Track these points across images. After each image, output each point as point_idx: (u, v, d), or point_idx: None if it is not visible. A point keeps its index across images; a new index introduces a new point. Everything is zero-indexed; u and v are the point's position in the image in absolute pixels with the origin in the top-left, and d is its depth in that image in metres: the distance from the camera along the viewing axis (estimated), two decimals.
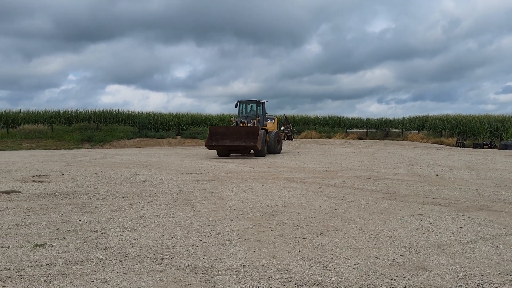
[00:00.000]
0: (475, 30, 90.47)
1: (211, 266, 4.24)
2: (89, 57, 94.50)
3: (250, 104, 22.74)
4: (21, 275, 3.96)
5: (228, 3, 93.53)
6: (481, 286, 3.75)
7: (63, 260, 4.38)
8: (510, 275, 3.98)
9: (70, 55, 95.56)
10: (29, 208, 7.11)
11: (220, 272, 4.06)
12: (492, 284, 3.79)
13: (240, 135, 19.48)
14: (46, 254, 4.59)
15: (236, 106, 22.78)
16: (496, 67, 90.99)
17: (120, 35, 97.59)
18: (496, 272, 4.08)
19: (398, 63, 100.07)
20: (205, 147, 20.67)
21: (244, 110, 22.72)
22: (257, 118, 21.27)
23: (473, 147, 30.15)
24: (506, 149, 27.01)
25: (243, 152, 20.83)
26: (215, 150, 20.67)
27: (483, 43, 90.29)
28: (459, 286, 3.75)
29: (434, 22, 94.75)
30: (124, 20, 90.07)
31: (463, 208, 7.23)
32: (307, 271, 4.11)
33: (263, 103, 22.47)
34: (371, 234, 5.48)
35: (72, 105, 72.32)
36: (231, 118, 21.65)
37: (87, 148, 30.13)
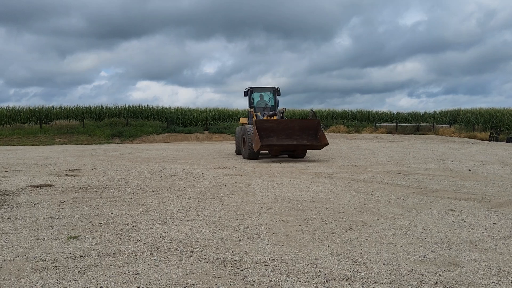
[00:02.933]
0: (511, 22, 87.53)
1: (240, 259, 4.27)
2: (121, 54, 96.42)
3: (267, 93, 18.68)
4: (56, 266, 4.09)
5: None
6: None
7: (96, 252, 4.50)
8: None
9: (103, 52, 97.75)
10: (62, 201, 7.31)
11: (249, 266, 4.09)
12: None
13: (293, 131, 15.13)
14: (79, 246, 4.72)
15: (245, 95, 18.42)
16: None
17: (151, 32, 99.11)
18: None
19: (430, 56, 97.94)
20: (254, 149, 14.79)
21: (257, 99, 18.70)
22: (283, 108, 16.58)
23: (507, 142, 29.27)
24: None
25: (296, 154, 16.17)
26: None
27: None
28: (492, 282, 3.66)
29: (468, 14, 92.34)
30: (156, 17, 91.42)
31: (496, 204, 7.04)
32: (336, 266, 4.09)
33: (279, 90, 18.41)
34: (401, 230, 5.40)
35: (103, 101, 74.09)
36: (250, 110, 17.58)
37: (117, 143, 30.73)
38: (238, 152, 18.18)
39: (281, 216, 6.18)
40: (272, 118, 16.32)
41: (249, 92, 18.30)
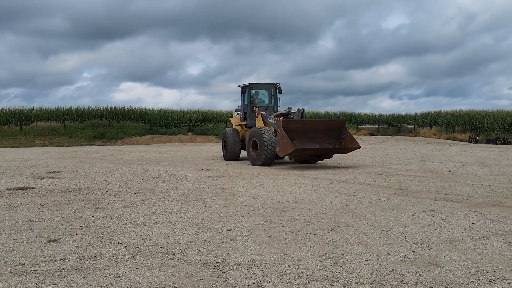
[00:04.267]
0: (491, 25, 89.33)
1: (223, 261, 4.26)
2: (104, 55, 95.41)
3: (265, 90, 16.65)
4: (35, 270, 4.02)
5: (243, 0, 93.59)
6: (493, 282, 3.72)
7: (76, 256, 4.44)
8: None
9: (86, 53, 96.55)
10: (42, 204, 7.20)
11: (231, 268, 4.08)
12: (505, 280, 3.75)
13: (316, 133, 13.50)
14: (59, 250, 4.65)
15: (244, 92, 16.36)
16: (511, 62, 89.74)
17: (135, 33, 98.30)
18: (509, 268, 4.04)
19: (412, 59, 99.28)
20: (280, 154, 12.90)
21: (255, 97, 16.41)
22: (302, 108, 14.86)
23: (486, 143, 29.80)
24: None
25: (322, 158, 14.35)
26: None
27: (498, 38, 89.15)
28: (471, 282, 3.73)
29: (449, 17, 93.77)
30: (140, 18, 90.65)
31: (475, 204, 7.17)
32: (318, 266, 4.11)
33: (280, 88, 16.26)
34: (383, 230, 5.46)
35: (86, 102, 73.25)
36: (255, 109, 15.31)
37: (99, 145, 30.38)
38: (230, 157, 16.06)
39: (264, 217, 6.19)
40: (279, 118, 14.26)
41: (248, 88, 15.96)
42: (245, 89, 16.19)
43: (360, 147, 13.64)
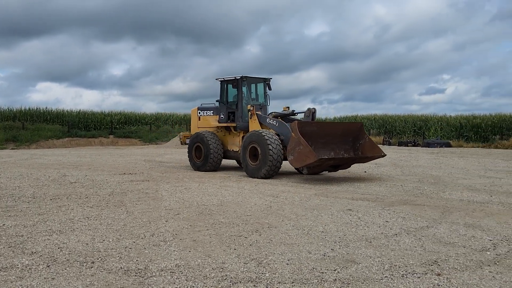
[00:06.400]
0: (403, 36, 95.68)
1: (145, 268, 4.17)
2: (20, 54, 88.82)
3: (259, 84, 13.72)
4: None
5: (168, 1, 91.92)
6: (405, 276, 3.99)
7: None
8: (432, 265, 4.27)
9: (0, 51, 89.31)
10: None
11: (154, 274, 4.01)
12: (415, 274, 4.04)
13: (332, 138, 11.36)
14: None
15: (233, 87, 13.31)
16: (421, 69, 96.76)
17: (54, 32, 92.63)
18: (419, 263, 4.36)
19: (332, 66, 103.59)
20: (295, 165, 10.79)
21: (247, 93, 13.34)
22: (313, 108, 12.24)
23: (398, 145, 31.80)
24: (428, 147, 28.81)
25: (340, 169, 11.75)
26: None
27: (410, 47, 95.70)
28: (385, 277, 3.97)
29: (366, 27, 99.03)
30: (59, 16, 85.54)
31: (389, 203, 7.64)
32: (242, 268, 4.17)
33: (270, 84, 13.70)
34: (304, 230, 5.65)
35: None
36: (250, 108, 12.54)
37: (12, 149, 28.34)
38: (211, 167, 13.10)
39: (189, 221, 6.15)
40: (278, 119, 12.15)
41: (239, 81, 12.94)
42: (235, 82, 13.07)
43: (385, 155, 11.58)
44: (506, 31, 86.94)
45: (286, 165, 14.29)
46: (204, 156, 13.03)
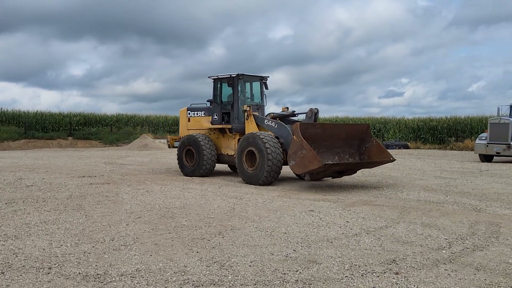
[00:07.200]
0: (364, 40, 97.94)
1: (104, 273, 4.08)
2: None
3: (254, 83, 12.89)
4: None
5: (132, 0, 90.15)
6: (365, 276, 4.08)
7: None
8: (390, 264, 4.39)
9: None
10: None
11: (114, 279, 3.92)
12: (375, 273, 4.14)
13: (336, 141, 10.48)
14: None
15: (229, 85, 12.35)
16: (380, 73, 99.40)
17: (10, 30, 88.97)
18: (378, 262, 4.46)
19: (295, 68, 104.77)
20: (297, 171, 9.97)
21: (242, 91, 12.43)
22: (316, 108, 11.33)
23: None
24: (387, 149, 29.56)
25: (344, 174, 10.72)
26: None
27: (370, 51, 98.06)
28: (346, 277, 4.05)
29: (329, 31, 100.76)
30: (16, 14, 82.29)
31: (349, 203, 7.79)
32: (205, 271, 4.14)
33: (266, 82, 12.88)
34: (267, 231, 5.68)
35: None
36: (247, 108, 11.69)
37: None
38: (205, 173, 12.20)
39: (151, 224, 6.06)
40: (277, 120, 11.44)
41: (236, 80, 12.04)
42: (230, 80, 12.13)
43: (394, 159, 10.70)
44: (462, 36, 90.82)
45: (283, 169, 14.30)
46: (197, 161, 12.09)
